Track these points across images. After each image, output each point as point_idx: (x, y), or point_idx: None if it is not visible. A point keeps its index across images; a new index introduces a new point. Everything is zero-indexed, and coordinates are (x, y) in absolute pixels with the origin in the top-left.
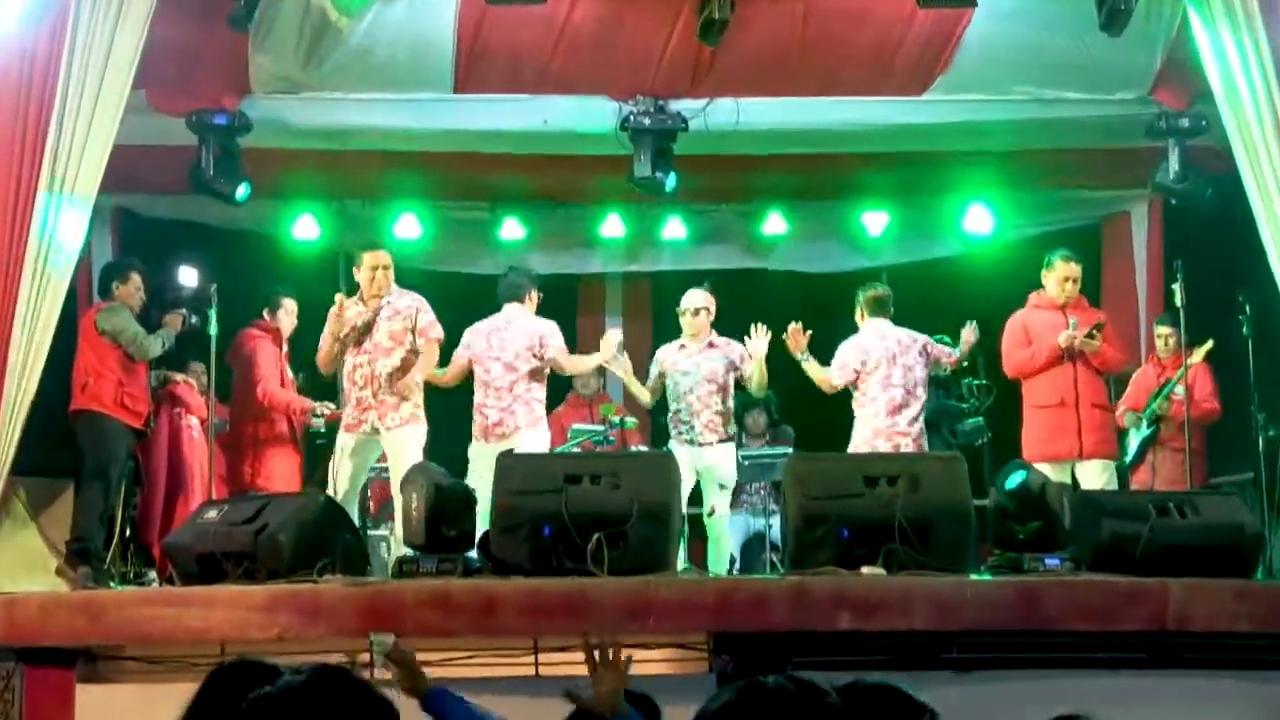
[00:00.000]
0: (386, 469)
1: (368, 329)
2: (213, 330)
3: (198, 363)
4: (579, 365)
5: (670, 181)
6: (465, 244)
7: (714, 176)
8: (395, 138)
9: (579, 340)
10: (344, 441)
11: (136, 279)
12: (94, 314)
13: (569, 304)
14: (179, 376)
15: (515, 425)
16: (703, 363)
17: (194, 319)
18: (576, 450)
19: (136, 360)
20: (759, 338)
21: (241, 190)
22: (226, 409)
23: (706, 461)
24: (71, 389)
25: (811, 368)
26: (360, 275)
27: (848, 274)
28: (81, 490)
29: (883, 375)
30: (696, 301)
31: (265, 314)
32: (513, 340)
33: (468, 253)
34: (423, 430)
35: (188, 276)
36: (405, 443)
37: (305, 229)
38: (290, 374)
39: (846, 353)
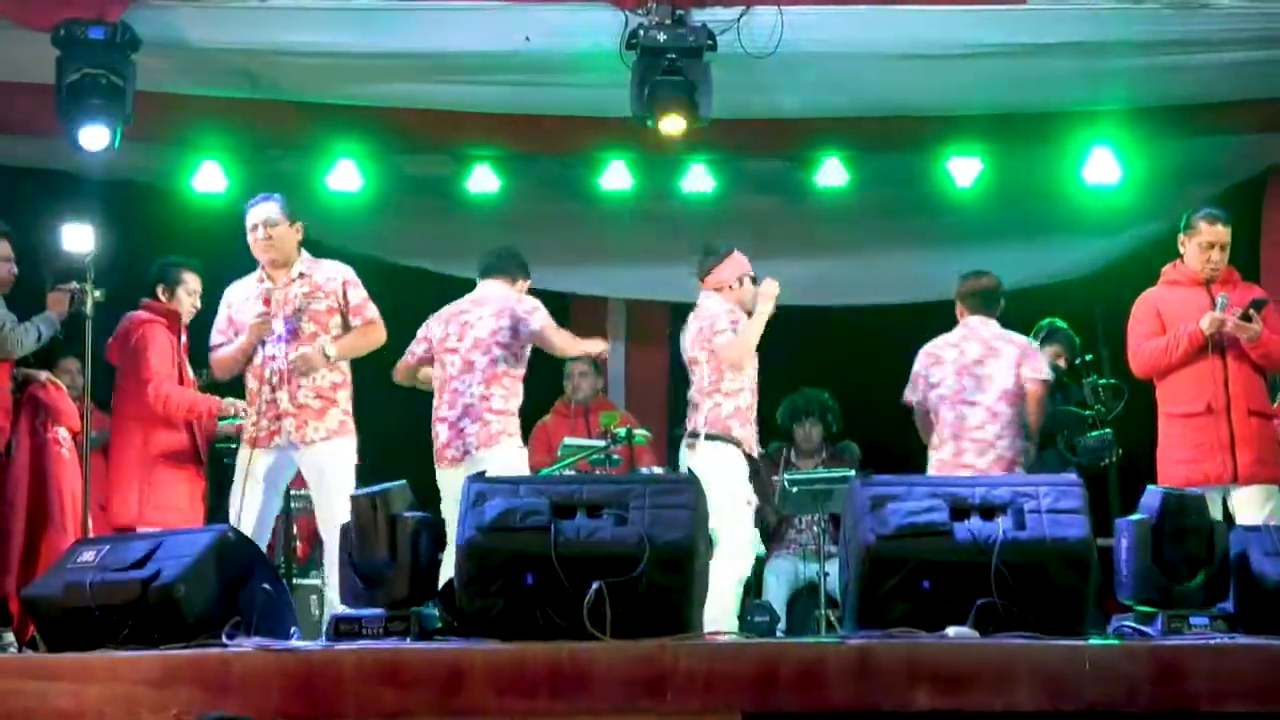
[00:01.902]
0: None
1: (281, 308)
2: (89, 314)
3: (70, 358)
4: (571, 344)
5: (691, 118)
6: (422, 200)
7: (750, 113)
8: (330, 61)
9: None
10: (248, 460)
11: (2, 246)
12: None
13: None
14: (43, 376)
15: (466, 447)
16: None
17: (88, 295)
18: (569, 473)
19: (1, 358)
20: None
21: (117, 130)
22: (107, 418)
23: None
24: None
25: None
26: (251, 240)
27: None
28: None
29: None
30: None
31: (159, 292)
32: (477, 324)
33: (428, 221)
34: (352, 444)
35: (76, 238)
36: (331, 461)
37: (209, 180)
38: (190, 371)
39: (917, 361)
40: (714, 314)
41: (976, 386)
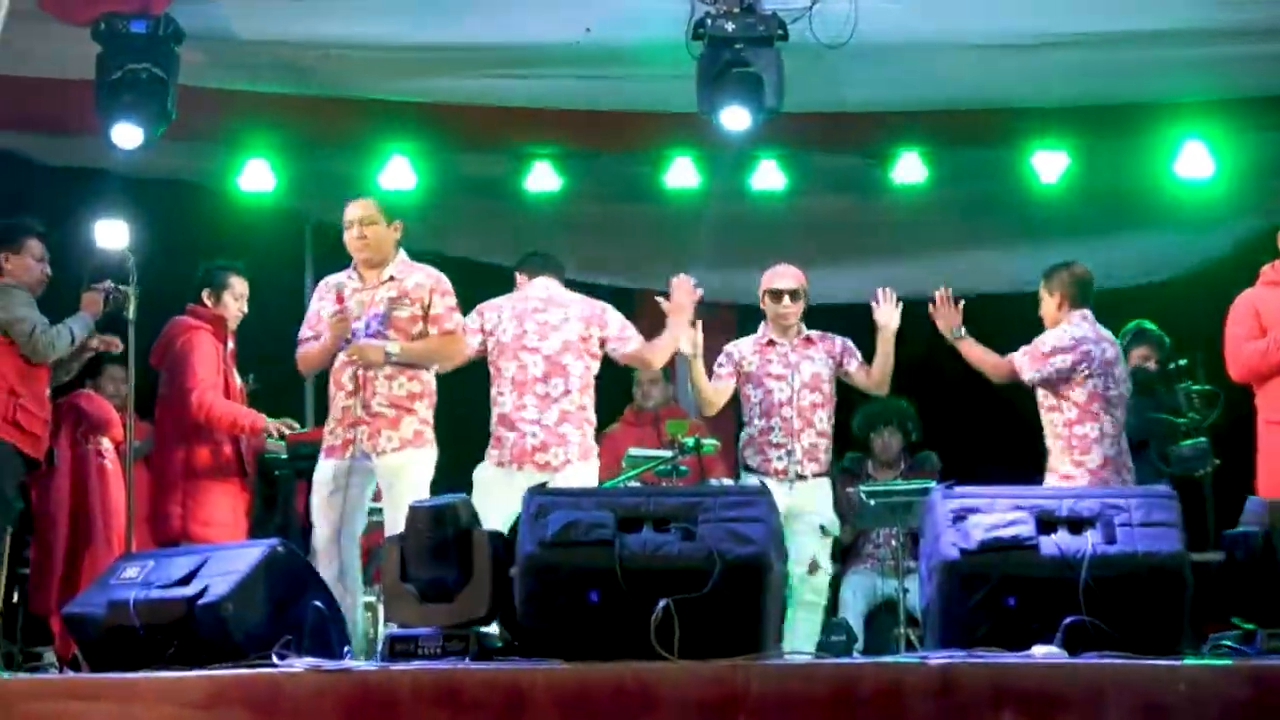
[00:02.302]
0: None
1: (366, 312)
2: (131, 317)
3: (114, 365)
4: (665, 351)
5: (759, 112)
6: (479, 200)
7: (823, 106)
8: (382, 54)
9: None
10: (324, 473)
11: (35, 246)
12: None
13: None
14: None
15: (566, 456)
16: (801, 364)
17: (121, 296)
18: (635, 484)
19: (35, 362)
20: (886, 303)
21: (159, 127)
22: (150, 428)
23: (801, 501)
24: None
25: (971, 349)
26: (347, 237)
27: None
28: None
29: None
30: (787, 280)
31: (204, 296)
32: (559, 324)
33: (485, 222)
34: (431, 456)
35: (110, 234)
36: (403, 473)
37: (256, 179)
38: (238, 379)
39: (1061, 339)
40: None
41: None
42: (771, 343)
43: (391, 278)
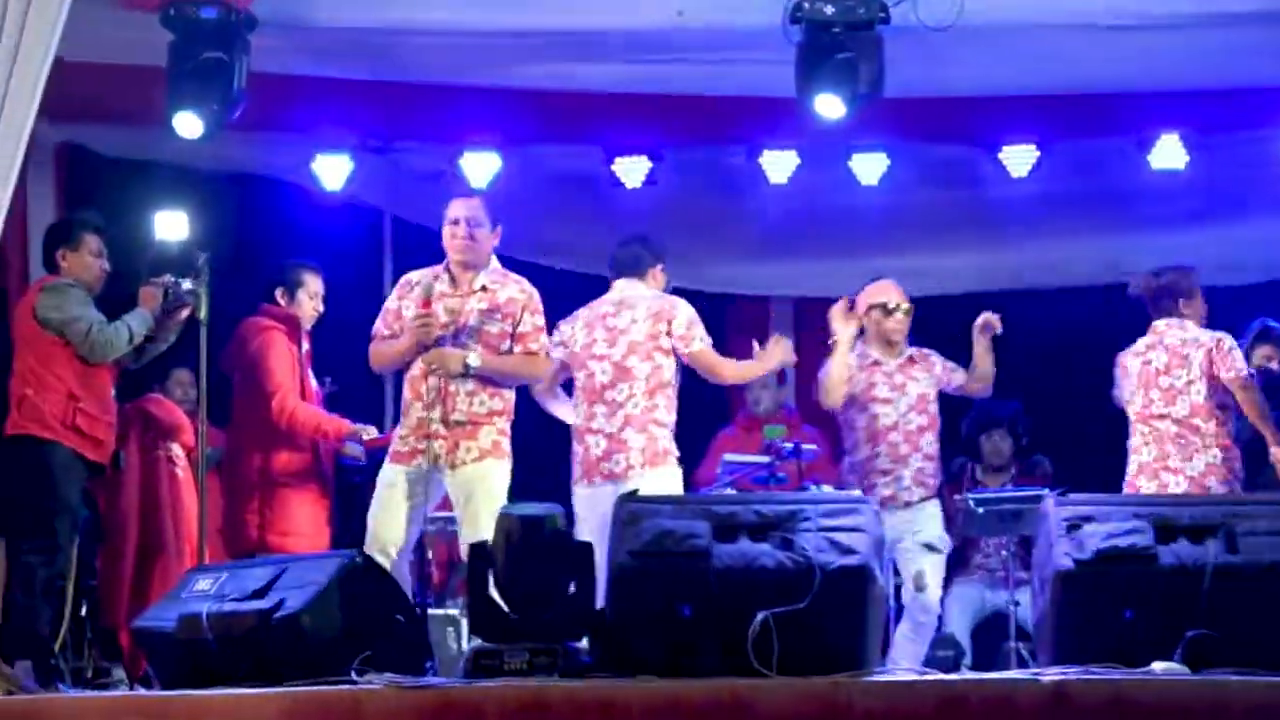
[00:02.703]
0: (452, 520)
1: (453, 320)
2: (203, 318)
3: (182, 369)
4: (742, 370)
5: (858, 99)
6: (564, 193)
7: (927, 91)
8: (463, 40)
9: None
10: (390, 477)
11: (93, 242)
12: (32, 297)
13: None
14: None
15: (628, 463)
16: (908, 385)
17: (183, 290)
18: (730, 492)
19: (94, 362)
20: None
21: (226, 117)
22: (223, 434)
23: (910, 526)
24: (5, 405)
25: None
26: (444, 235)
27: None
28: (16, 552)
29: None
30: (896, 294)
31: (279, 296)
32: (627, 327)
33: (570, 216)
34: (506, 469)
35: (170, 226)
36: (482, 483)
37: (333, 174)
38: (314, 381)
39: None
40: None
41: (1164, 399)
42: (876, 363)
43: (484, 287)
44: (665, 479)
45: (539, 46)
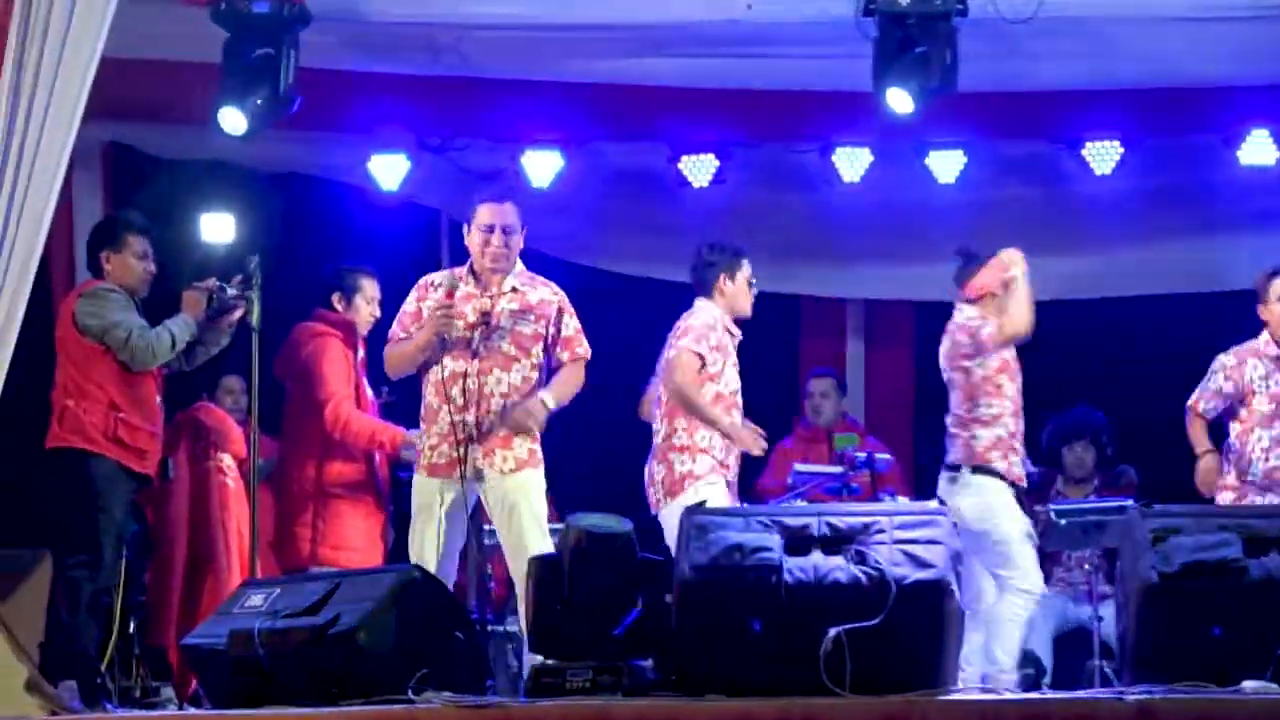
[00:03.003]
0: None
1: (484, 322)
2: (254, 325)
3: (232, 376)
4: (711, 415)
5: (928, 96)
6: (628, 193)
7: (1006, 86)
8: (524, 34)
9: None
10: (428, 491)
11: (137, 244)
12: (71, 304)
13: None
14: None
15: (655, 497)
16: None
17: (229, 293)
18: (800, 504)
19: (135, 369)
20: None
21: (278, 113)
22: (275, 443)
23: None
24: (48, 416)
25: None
26: (471, 240)
27: None
28: (61, 568)
29: None
30: None
31: (335, 301)
32: (664, 353)
33: (635, 217)
34: (542, 476)
35: (216, 228)
36: (524, 495)
37: (389, 174)
38: (370, 390)
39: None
40: (959, 329)
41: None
42: None
43: (514, 289)
44: (710, 493)
45: (603, 40)
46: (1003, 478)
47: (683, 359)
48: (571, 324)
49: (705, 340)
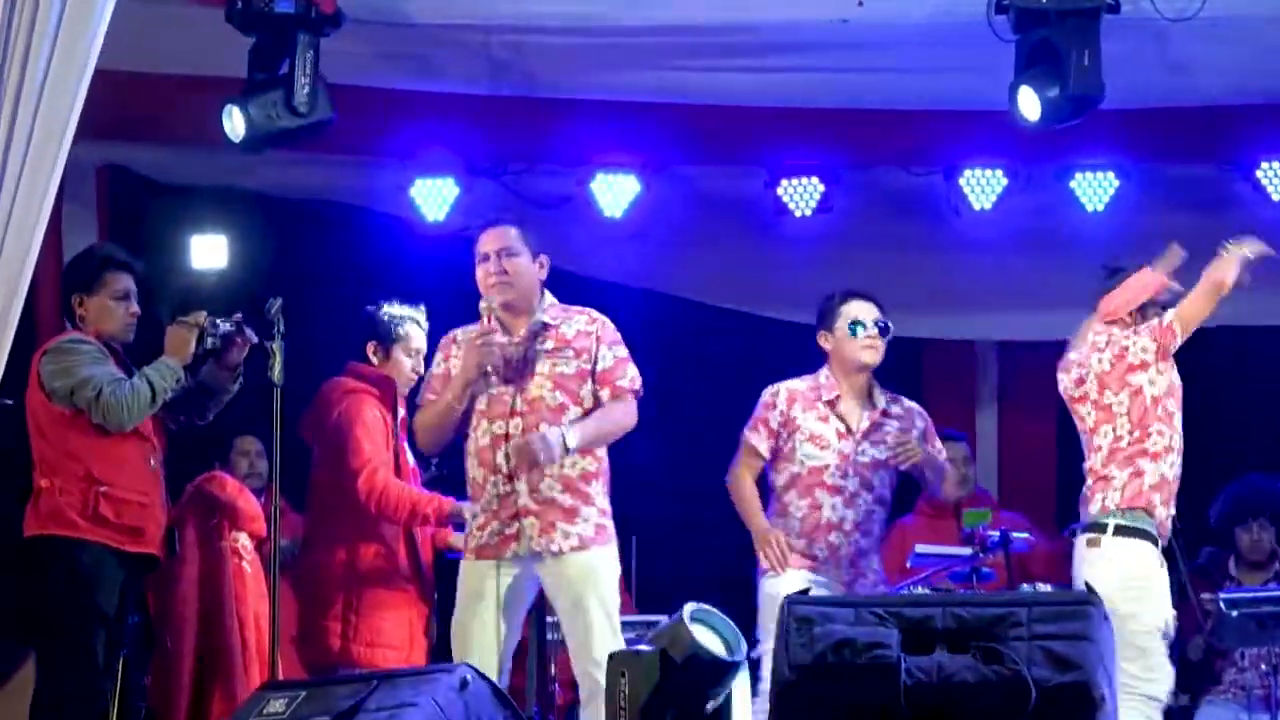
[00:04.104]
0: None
1: (518, 371)
2: (277, 379)
3: (247, 437)
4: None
5: (1068, 108)
6: (720, 224)
7: (1164, 99)
8: (592, 40)
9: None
10: (476, 578)
11: (116, 282)
12: (37, 363)
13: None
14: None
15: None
16: None
17: (222, 329)
18: (922, 591)
19: (113, 429)
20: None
21: (305, 129)
22: (301, 519)
23: None
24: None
25: None
26: (480, 274)
27: None
28: (50, 668)
29: None
30: None
31: (371, 352)
32: None
33: (729, 250)
34: (613, 555)
35: (206, 252)
36: (589, 581)
37: (434, 203)
38: (412, 457)
39: None
40: (1122, 343)
41: None
42: None
43: (545, 325)
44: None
45: (686, 47)
46: (1154, 538)
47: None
48: (610, 354)
49: (760, 424)
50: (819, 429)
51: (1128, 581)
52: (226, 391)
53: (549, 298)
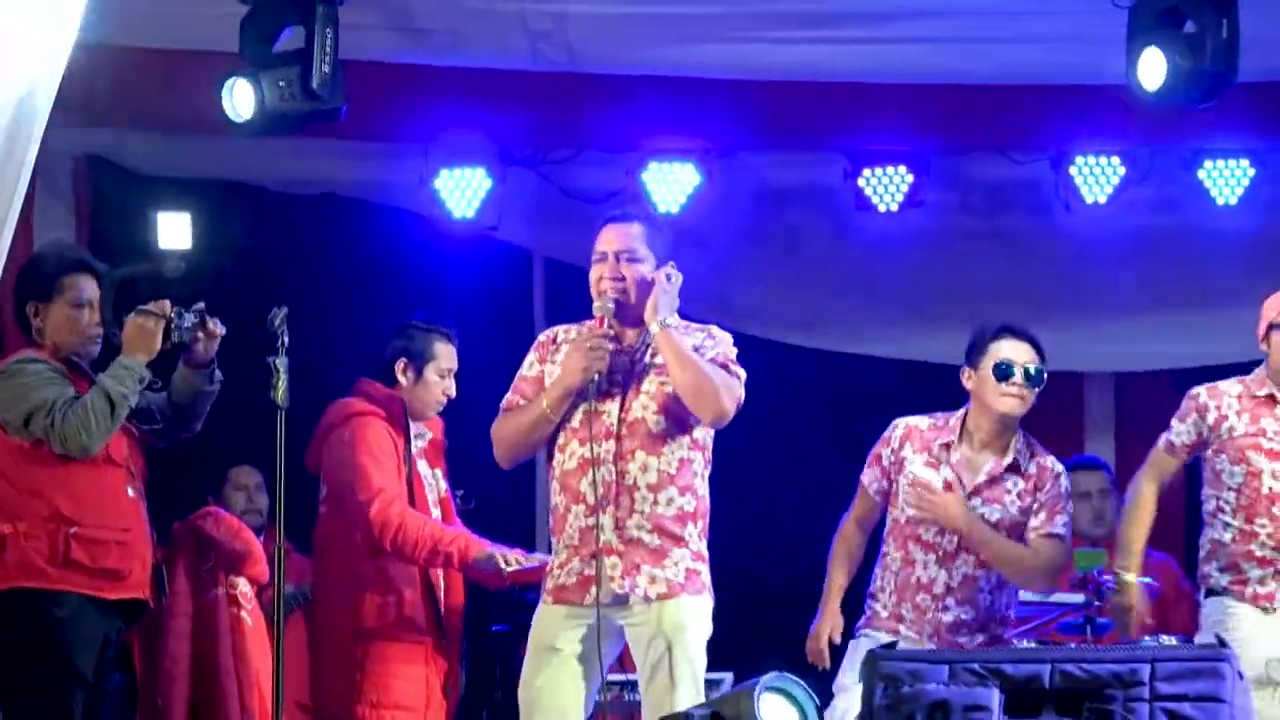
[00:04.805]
0: (633, 685)
1: (621, 386)
2: (281, 401)
3: (243, 468)
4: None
5: (1196, 85)
6: (793, 223)
7: None
8: (645, 9)
9: None
10: (551, 627)
11: (74, 286)
12: None
13: None
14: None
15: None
16: None
17: (190, 321)
18: (1028, 645)
19: (77, 456)
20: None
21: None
22: (309, 562)
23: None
24: None
25: None
26: (594, 275)
27: None
28: None
29: None
30: None
31: (399, 371)
32: None
33: (801, 254)
34: (707, 608)
35: (171, 231)
36: (677, 634)
37: (462, 196)
38: (440, 484)
39: None
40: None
41: None
42: (1272, 398)
43: (650, 345)
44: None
45: (754, 16)
46: None
47: None
48: (724, 355)
49: (874, 459)
50: (925, 475)
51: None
52: (206, 393)
53: (674, 314)
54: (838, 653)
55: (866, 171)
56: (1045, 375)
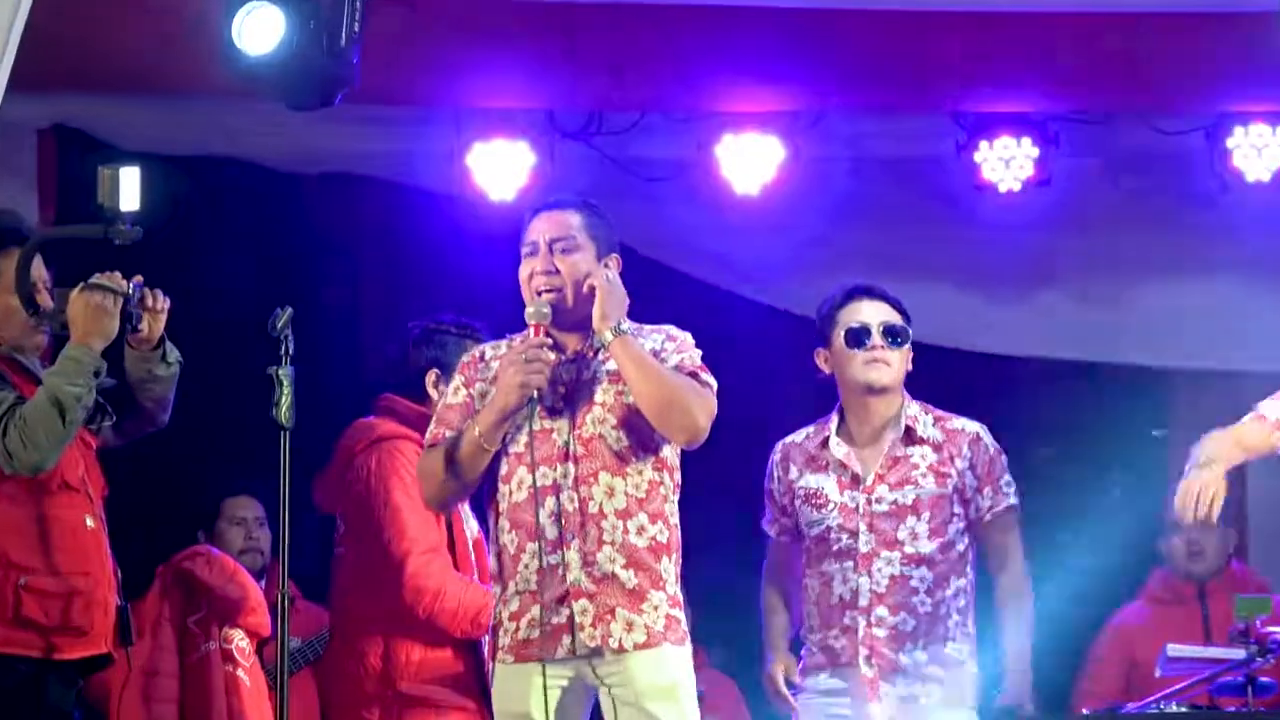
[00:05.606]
0: None
1: (569, 400)
2: (285, 420)
3: (240, 498)
4: None
5: None
6: (891, 196)
7: None
8: None
9: None
10: (513, 686)
11: (10, 268)
12: None
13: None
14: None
15: None
16: None
17: (137, 297)
18: (1178, 710)
19: (28, 474)
20: None
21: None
22: (321, 611)
23: None
24: None
25: None
26: (522, 272)
27: None
28: None
29: None
30: None
31: (430, 382)
32: None
33: (908, 228)
34: (687, 657)
35: (124, 189)
36: (654, 687)
37: (499, 174)
38: (474, 524)
39: None
40: None
41: None
42: None
43: (598, 346)
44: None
45: None
46: None
47: None
48: (688, 357)
49: (767, 499)
50: (815, 484)
51: None
52: (163, 377)
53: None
54: None
55: (984, 144)
56: (910, 332)
